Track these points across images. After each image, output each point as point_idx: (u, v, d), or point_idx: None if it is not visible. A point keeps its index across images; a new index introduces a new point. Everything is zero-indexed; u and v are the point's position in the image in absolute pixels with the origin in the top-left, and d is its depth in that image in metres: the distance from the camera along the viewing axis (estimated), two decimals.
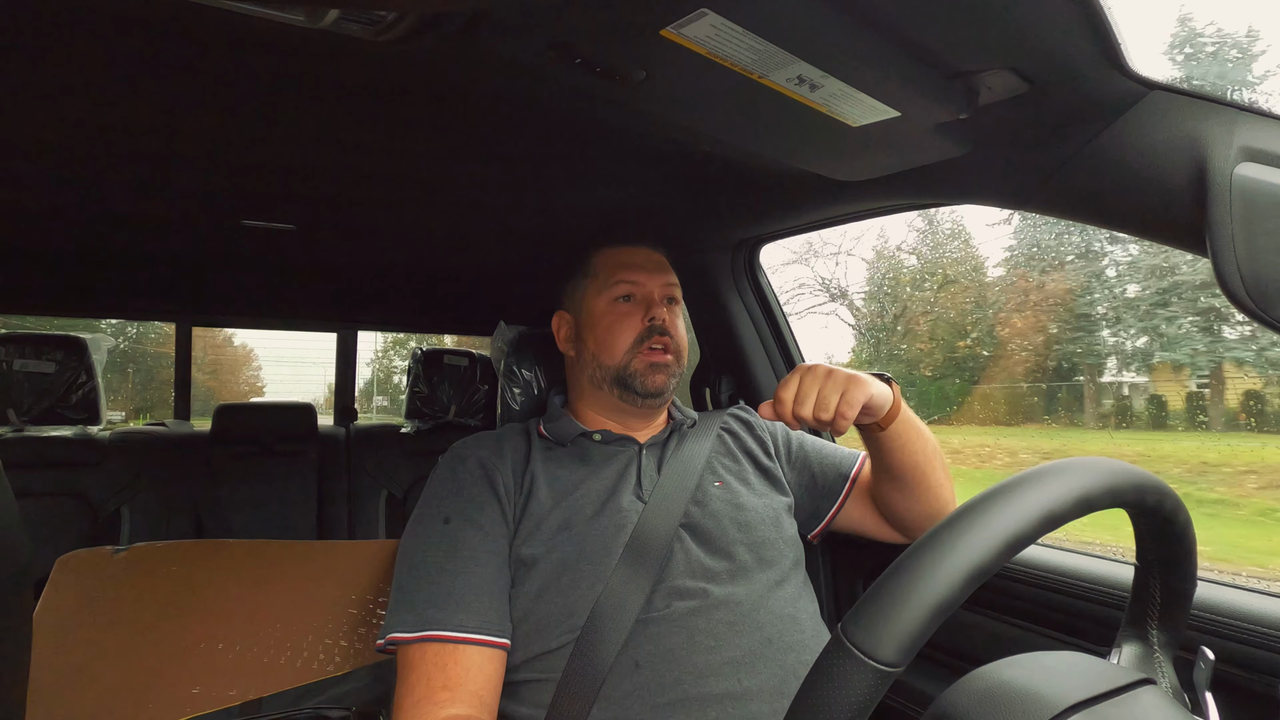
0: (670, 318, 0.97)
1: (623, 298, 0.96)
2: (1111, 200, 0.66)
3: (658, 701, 0.73)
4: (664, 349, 0.94)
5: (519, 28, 0.52)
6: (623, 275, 0.96)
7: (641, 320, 0.95)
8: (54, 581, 0.92)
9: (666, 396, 0.96)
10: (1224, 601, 0.73)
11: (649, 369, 0.93)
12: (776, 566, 0.87)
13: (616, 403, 0.96)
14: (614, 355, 0.94)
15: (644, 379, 0.93)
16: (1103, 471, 0.40)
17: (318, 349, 31.03)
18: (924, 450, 0.91)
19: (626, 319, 0.95)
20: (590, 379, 0.98)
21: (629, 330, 0.95)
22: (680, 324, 1.00)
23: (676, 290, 1.00)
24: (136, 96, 0.75)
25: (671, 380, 0.95)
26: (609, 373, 0.95)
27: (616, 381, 0.95)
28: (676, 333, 0.97)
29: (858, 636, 0.34)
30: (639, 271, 0.97)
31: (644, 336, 0.94)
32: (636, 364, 0.94)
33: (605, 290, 0.97)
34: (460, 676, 0.72)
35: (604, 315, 0.97)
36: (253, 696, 0.92)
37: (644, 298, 0.97)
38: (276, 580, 1.02)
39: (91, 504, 1.61)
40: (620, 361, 0.94)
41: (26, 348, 1.59)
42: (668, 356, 0.95)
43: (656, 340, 0.94)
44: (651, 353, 0.94)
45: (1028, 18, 0.51)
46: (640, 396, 0.94)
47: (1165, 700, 0.41)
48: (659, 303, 0.97)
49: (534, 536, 0.84)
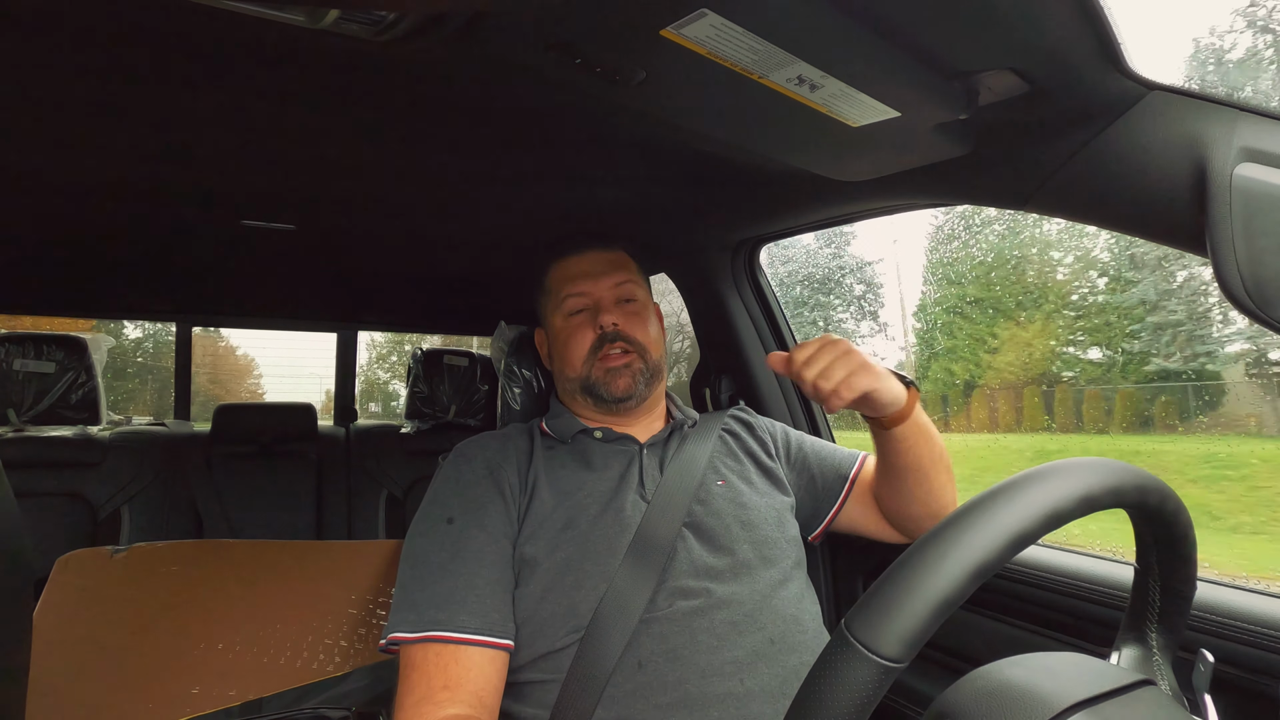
0: (624, 318, 0.96)
1: (575, 311, 0.97)
2: (1111, 200, 0.66)
3: (661, 701, 0.73)
4: (621, 351, 0.94)
5: (519, 28, 0.52)
6: (569, 289, 0.97)
7: (593, 329, 0.95)
8: (54, 581, 0.93)
9: (640, 394, 0.96)
10: (1224, 602, 0.73)
11: (607, 375, 0.94)
12: (779, 565, 0.87)
13: (594, 408, 0.98)
14: (574, 368, 0.96)
15: (606, 386, 0.94)
16: (1106, 471, 0.40)
17: (314, 357, 31.10)
18: (929, 454, 0.90)
19: (579, 331, 0.96)
20: (565, 391, 1.01)
21: (582, 343, 0.95)
22: (646, 318, 0.99)
23: (633, 286, 0.99)
24: (136, 96, 0.75)
25: (639, 380, 0.95)
26: (576, 384, 0.97)
27: (585, 391, 0.96)
28: (634, 331, 0.96)
29: (862, 631, 0.34)
30: (585, 280, 0.97)
31: (596, 346, 0.95)
32: (595, 373, 0.94)
33: (559, 307, 0.98)
34: (461, 676, 0.73)
35: (560, 331, 0.98)
36: (253, 696, 0.92)
37: (593, 305, 0.97)
38: (276, 580, 1.02)
39: (91, 504, 1.61)
40: (581, 373, 0.95)
41: (26, 348, 1.59)
42: (625, 359, 0.94)
43: (612, 348, 0.94)
44: (607, 359, 0.94)
45: (1028, 18, 0.51)
46: (609, 402, 0.95)
47: (1165, 701, 0.41)
48: (609, 307, 0.96)
49: (537, 536, 0.84)
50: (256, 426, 1.88)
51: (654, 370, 0.97)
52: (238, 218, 1.23)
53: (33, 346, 1.60)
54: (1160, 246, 0.96)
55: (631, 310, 0.98)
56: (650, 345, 0.98)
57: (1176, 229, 0.61)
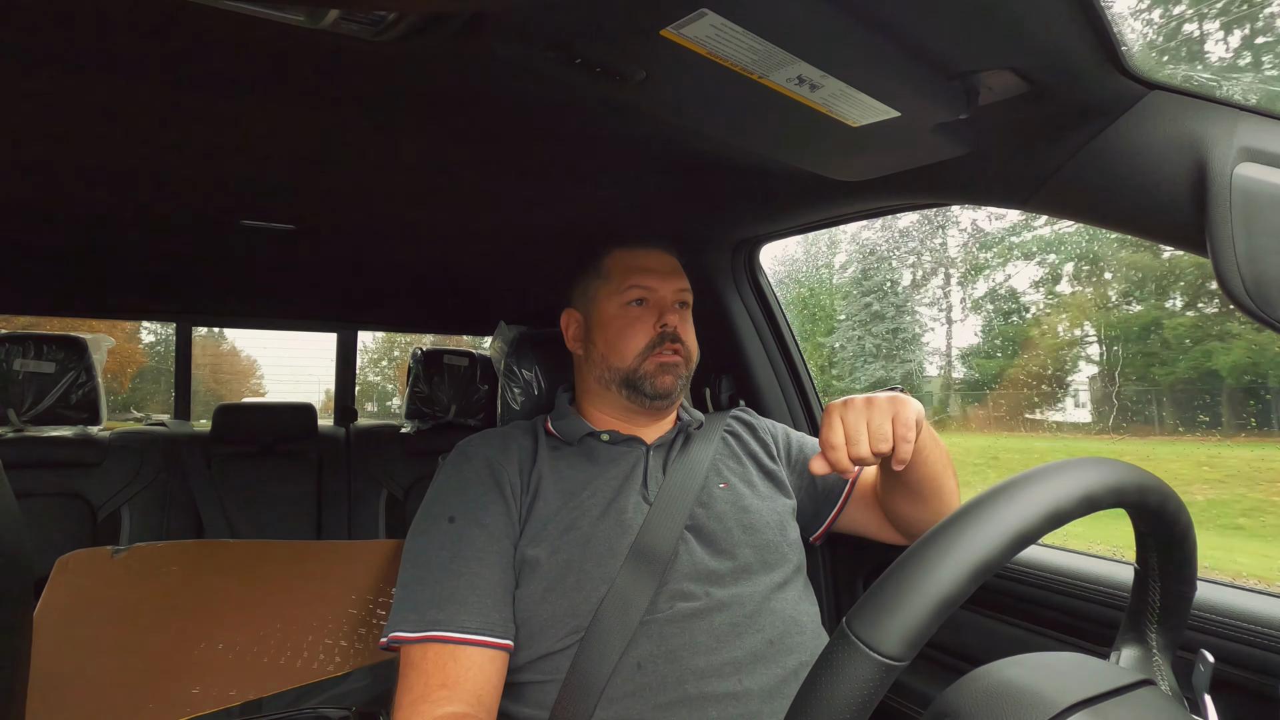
0: (682, 323, 0.97)
1: (635, 301, 0.97)
2: (1111, 200, 0.66)
3: (660, 701, 0.73)
4: (675, 353, 0.95)
5: (519, 28, 0.52)
6: (636, 279, 0.96)
7: (654, 326, 0.95)
8: (54, 581, 0.92)
9: (674, 399, 0.97)
10: (1224, 602, 0.73)
11: (659, 369, 0.94)
12: (779, 569, 0.87)
13: (624, 403, 0.97)
14: (624, 359, 0.95)
15: (653, 380, 0.94)
16: (1107, 471, 0.40)
17: (312, 357, 31.20)
18: (941, 459, 0.89)
19: (638, 323, 0.95)
20: (598, 379, 0.98)
21: (640, 335, 0.95)
22: (691, 329, 1.01)
23: (688, 294, 1.01)
24: (136, 96, 0.75)
25: (679, 382, 0.96)
26: (618, 374, 0.95)
27: (625, 383, 0.95)
28: (688, 338, 0.98)
29: (863, 629, 0.34)
30: (652, 276, 0.97)
31: (656, 343, 0.94)
32: (647, 366, 0.94)
33: (618, 293, 0.97)
34: (459, 676, 0.73)
35: (615, 318, 0.96)
36: (253, 696, 0.92)
37: (656, 303, 0.97)
38: (276, 580, 1.02)
39: (91, 504, 1.61)
40: (630, 365, 0.94)
41: (27, 348, 1.59)
42: (678, 359, 0.95)
43: (669, 347, 0.95)
44: (662, 355, 0.94)
45: (1028, 18, 0.51)
46: (648, 398, 0.94)
47: (1165, 701, 0.41)
48: (671, 308, 0.97)
49: (539, 537, 0.84)
50: (256, 426, 1.88)
51: (690, 376, 0.99)
52: (237, 217, 1.23)
53: (33, 346, 1.60)
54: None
55: (685, 317, 1.00)
56: (694, 355, 0.99)
57: (1176, 229, 0.61)
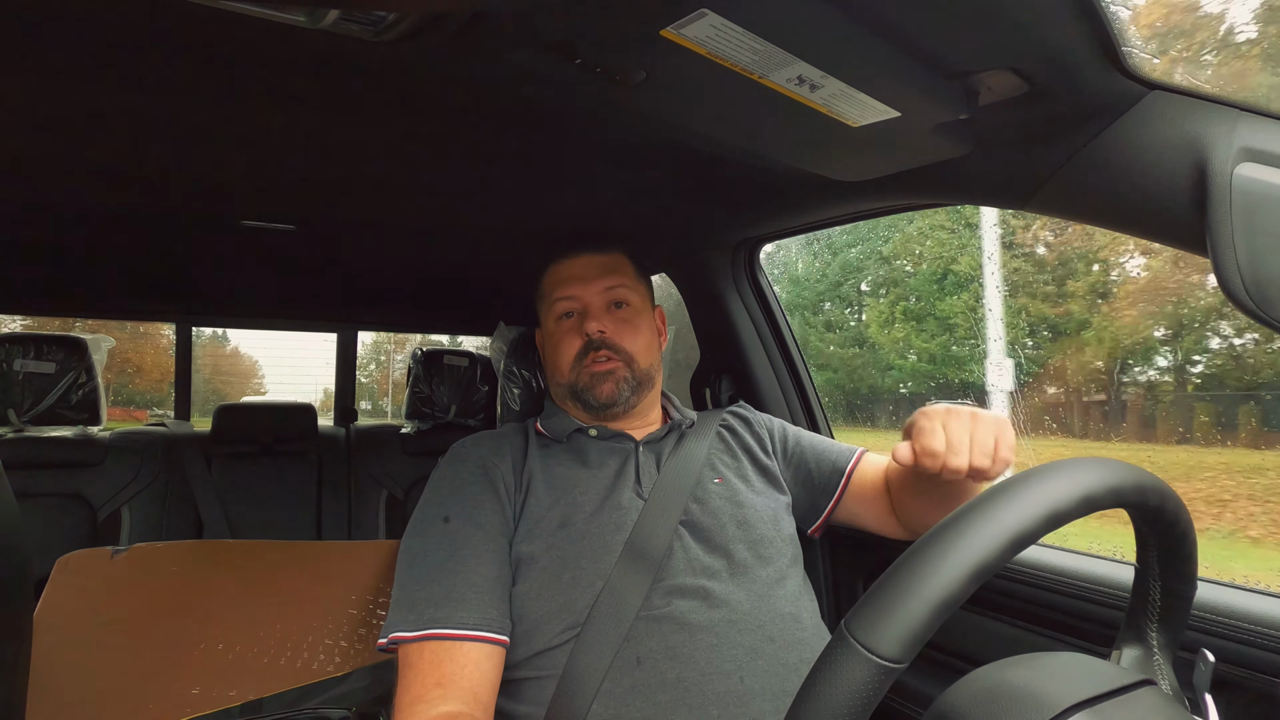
0: (614, 324, 0.95)
1: (564, 315, 0.97)
2: (1111, 200, 0.66)
3: (659, 699, 0.73)
4: (606, 359, 0.94)
5: (519, 28, 0.52)
6: (560, 292, 0.97)
7: (580, 335, 0.95)
8: (54, 581, 0.92)
9: (625, 401, 0.95)
10: (1224, 601, 0.73)
11: (593, 380, 0.93)
12: (775, 564, 0.87)
13: (585, 413, 0.98)
14: (562, 374, 0.96)
15: (592, 390, 0.94)
16: (1106, 471, 0.40)
17: (310, 357, 31.25)
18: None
19: (568, 336, 0.96)
20: (555, 395, 1.01)
21: (570, 348, 0.95)
22: (637, 324, 0.98)
23: (623, 291, 0.98)
24: (135, 97, 0.75)
25: (623, 387, 0.94)
26: (564, 389, 0.97)
27: (572, 396, 0.96)
28: (621, 338, 0.95)
29: (861, 632, 0.34)
30: (575, 284, 0.97)
31: (583, 352, 0.94)
32: (582, 379, 0.94)
33: (550, 310, 0.99)
34: (455, 673, 0.73)
35: (551, 335, 0.99)
36: (253, 697, 0.92)
37: (581, 310, 0.97)
38: (276, 580, 1.02)
39: (91, 504, 1.61)
40: (569, 379, 0.96)
41: (27, 348, 1.59)
42: (610, 364, 0.94)
43: (598, 354, 0.94)
44: (594, 364, 0.93)
45: (1027, 18, 0.51)
46: (594, 408, 0.95)
47: (1165, 701, 0.41)
48: (597, 313, 0.95)
49: (534, 534, 0.84)
50: (256, 426, 1.88)
51: (641, 378, 0.96)
52: (237, 218, 1.23)
53: (33, 346, 1.60)
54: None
55: (621, 316, 0.97)
56: (638, 353, 0.96)
57: (1176, 229, 0.61)
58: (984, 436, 0.73)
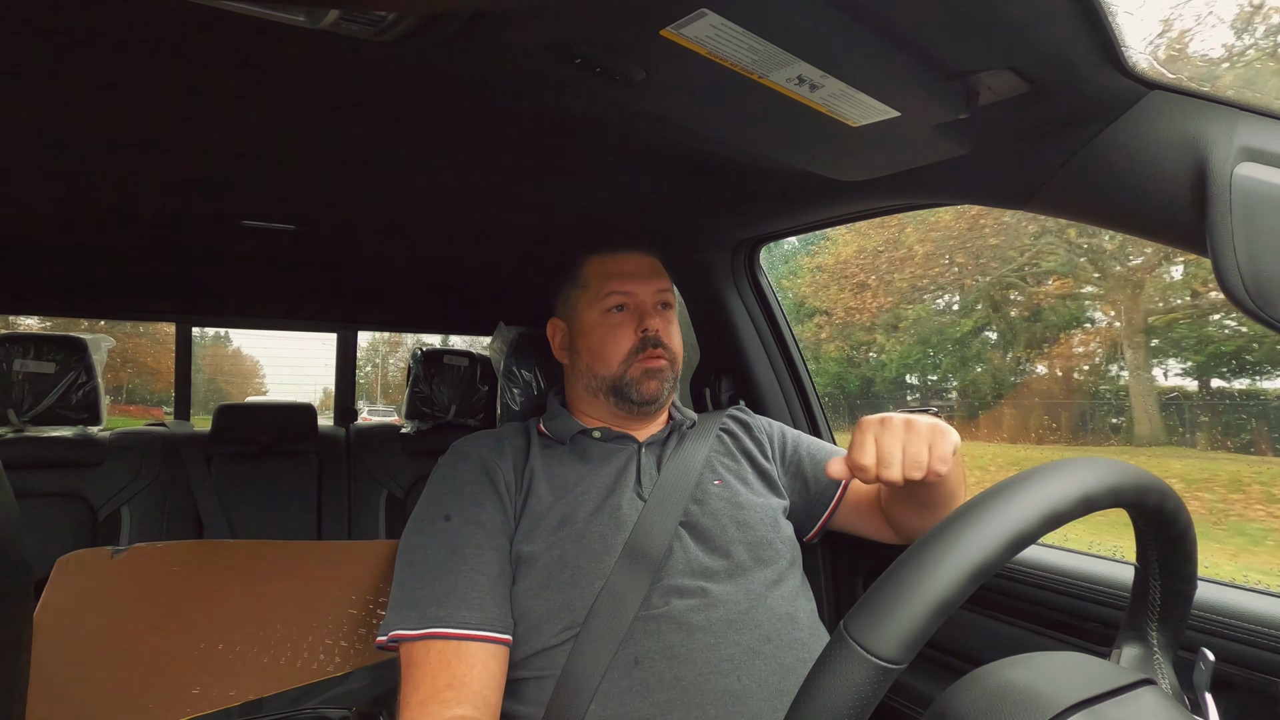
0: (664, 325, 0.97)
1: (615, 308, 0.97)
2: (1111, 200, 0.66)
3: (657, 698, 0.73)
4: (659, 357, 0.95)
5: (519, 28, 0.52)
6: (614, 286, 0.97)
7: (635, 331, 0.95)
8: (54, 581, 0.92)
9: (662, 402, 0.97)
10: (1224, 601, 0.73)
11: (644, 376, 0.94)
12: (774, 566, 0.87)
13: (613, 409, 0.97)
14: (609, 366, 0.95)
15: (639, 386, 0.94)
16: (1105, 471, 0.40)
17: (308, 356, 31.33)
18: (959, 476, 0.86)
19: (619, 330, 0.95)
20: (586, 387, 0.99)
21: (623, 342, 0.95)
22: (675, 329, 1.00)
23: (669, 295, 1.00)
24: (136, 97, 0.75)
25: (666, 385, 0.96)
26: (604, 382, 0.96)
27: (612, 391, 0.96)
28: (671, 340, 0.97)
29: (861, 633, 0.34)
30: (630, 280, 0.97)
31: (639, 349, 0.94)
32: (632, 372, 0.94)
33: (597, 301, 0.97)
34: (465, 675, 0.73)
35: (597, 327, 0.97)
36: (253, 696, 0.92)
37: (636, 307, 0.97)
38: (276, 580, 1.02)
39: (91, 504, 1.61)
40: (615, 372, 0.95)
41: (27, 348, 1.59)
42: (663, 363, 0.95)
43: (652, 353, 0.94)
44: (646, 361, 0.94)
45: (1028, 18, 0.51)
46: (635, 404, 0.95)
47: (1165, 701, 0.41)
48: (652, 311, 0.96)
49: (534, 533, 0.84)
50: (256, 426, 1.88)
51: (677, 377, 0.99)
52: (237, 218, 1.23)
53: (33, 346, 1.60)
54: None
55: (667, 318, 0.99)
56: (679, 355, 0.99)
57: (1176, 229, 0.61)
58: (916, 448, 0.72)
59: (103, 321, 5.88)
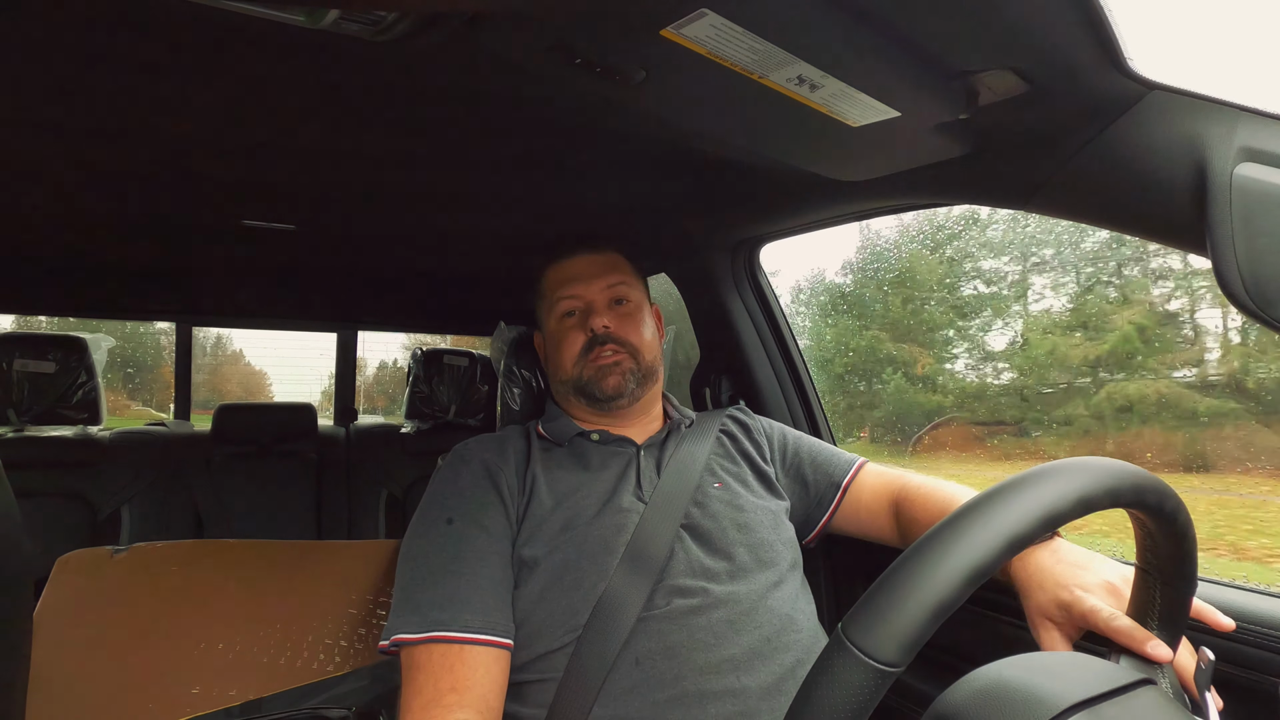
0: (616, 320, 0.97)
1: (566, 314, 0.98)
2: (1111, 200, 0.66)
3: (658, 698, 0.73)
4: (612, 351, 0.95)
5: (519, 28, 0.52)
6: (562, 292, 0.98)
7: (584, 332, 0.96)
8: (54, 581, 0.92)
9: (631, 393, 0.96)
10: (1224, 601, 0.73)
11: (599, 373, 0.95)
12: (775, 567, 0.87)
13: (590, 410, 0.98)
14: (566, 370, 0.97)
15: (598, 384, 0.95)
16: (1103, 472, 0.40)
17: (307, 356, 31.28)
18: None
19: (571, 334, 0.97)
20: (558, 393, 1.02)
21: (574, 344, 0.96)
22: (639, 319, 0.99)
23: (625, 287, 1.00)
24: (135, 97, 0.75)
25: (629, 379, 0.95)
26: (569, 386, 0.98)
27: (579, 392, 0.97)
28: (626, 333, 0.97)
29: (858, 636, 0.34)
30: (577, 284, 0.98)
31: (587, 348, 0.96)
32: (586, 372, 0.95)
33: (553, 310, 1.00)
34: (468, 678, 0.73)
35: (554, 334, 1.00)
36: (253, 696, 0.92)
37: (584, 308, 0.98)
38: (276, 580, 1.02)
39: (91, 504, 1.61)
40: (572, 375, 0.97)
41: (27, 348, 1.59)
42: (615, 357, 0.95)
43: (604, 349, 0.95)
44: (599, 358, 0.95)
45: (1028, 18, 0.51)
46: (601, 401, 0.96)
47: (1165, 700, 0.41)
48: (600, 310, 0.97)
49: (536, 537, 0.84)
50: (256, 426, 1.88)
51: (646, 371, 0.98)
52: (238, 218, 1.23)
53: (33, 346, 1.60)
54: None
55: (624, 312, 0.99)
56: (643, 346, 0.98)
57: (1176, 229, 0.61)
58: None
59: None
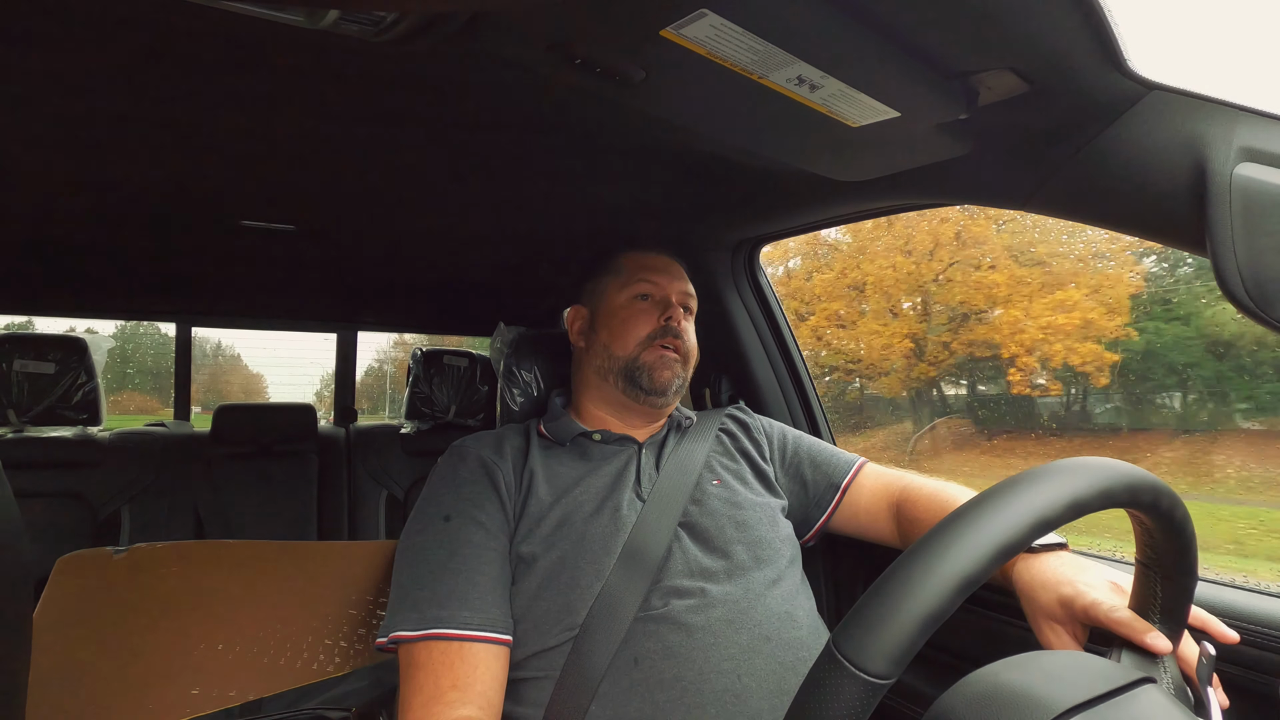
0: (684, 324, 1.00)
1: (641, 296, 1.00)
2: (1111, 200, 0.66)
3: (657, 698, 0.73)
4: (674, 350, 0.97)
5: (519, 28, 0.52)
6: (645, 275, 1.00)
7: (657, 319, 0.98)
8: (54, 582, 0.92)
9: (670, 397, 0.97)
10: (1224, 601, 0.73)
11: (658, 362, 0.96)
12: (773, 565, 0.87)
13: (620, 397, 0.98)
14: (625, 347, 0.97)
15: (652, 373, 0.95)
16: (1095, 472, 0.39)
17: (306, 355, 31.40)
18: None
19: (642, 315, 0.98)
20: (597, 370, 1.00)
21: (643, 326, 0.98)
22: (692, 334, 1.02)
23: (693, 300, 1.04)
24: (136, 97, 0.75)
25: (677, 380, 0.97)
26: (618, 364, 0.97)
27: (624, 374, 0.97)
28: (688, 338, 1.00)
29: (848, 649, 0.34)
30: (661, 274, 1.01)
31: (657, 334, 0.97)
32: (646, 356, 0.96)
33: (627, 287, 1.00)
34: (468, 675, 0.73)
35: (621, 309, 1.00)
36: (253, 697, 0.91)
37: (662, 299, 1.00)
38: (276, 580, 1.02)
39: (91, 504, 1.61)
40: (631, 353, 0.97)
41: (26, 348, 1.59)
42: (678, 355, 0.97)
43: (669, 341, 0.97)
44: (662, 348, 0.96)
45: (1027, 18, 0.51)
46: (645, 392, 0.96)
47: (1166, 699, 0.41)
48: (675, 306, 1.00)
49: (533, 534, 0.84)
50: (256, 427, 1.88)
51: (688, 377, 1.01)
52: (237, 218, 1.23)
53: (33, 347, 1.60)
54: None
55: (689, 320, 1.03)
56: (691, 358, 1.01)
57: (1176, 229, 0.61)
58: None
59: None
